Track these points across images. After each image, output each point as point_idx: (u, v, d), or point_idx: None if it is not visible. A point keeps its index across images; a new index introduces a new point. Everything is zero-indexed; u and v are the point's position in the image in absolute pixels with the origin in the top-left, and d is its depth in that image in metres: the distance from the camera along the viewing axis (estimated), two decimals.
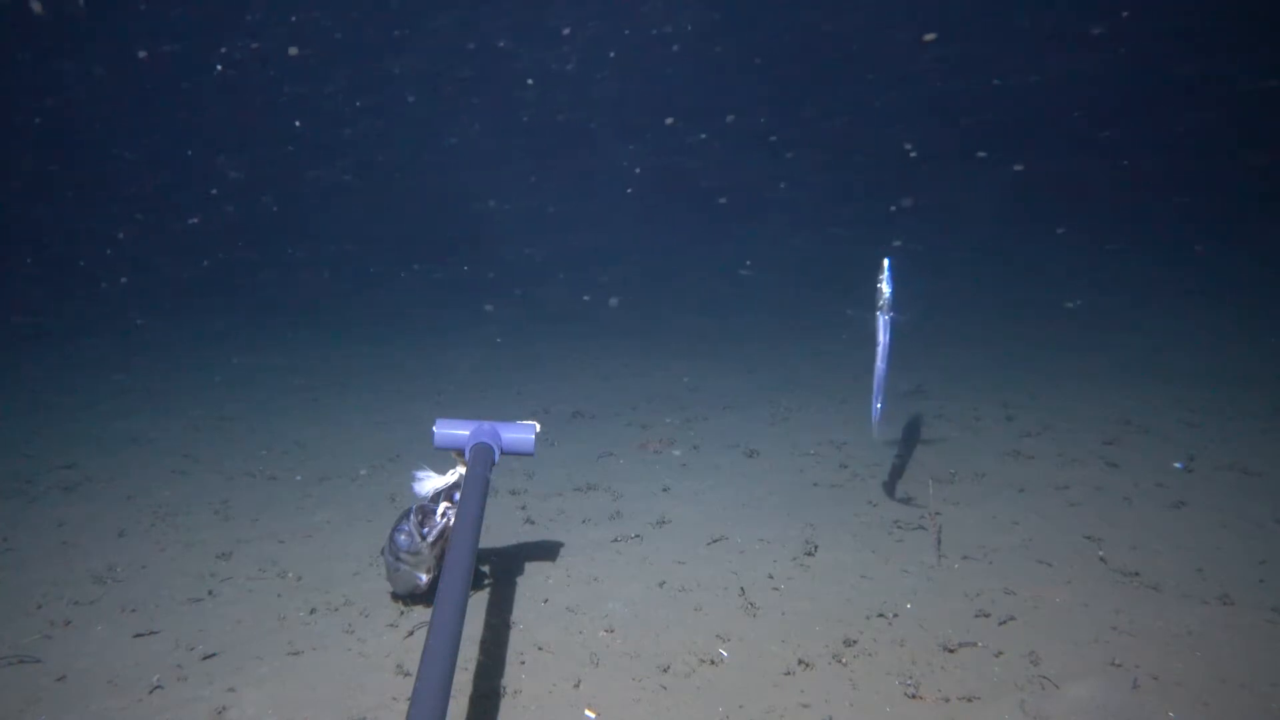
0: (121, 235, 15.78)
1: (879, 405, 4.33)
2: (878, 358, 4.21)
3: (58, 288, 13.86)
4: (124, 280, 14.15)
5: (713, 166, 19.58)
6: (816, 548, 3.96)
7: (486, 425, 3.60)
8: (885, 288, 4.10)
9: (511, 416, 3.82)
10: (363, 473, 5.41)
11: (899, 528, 4.18)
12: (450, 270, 14.45)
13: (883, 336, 4.16)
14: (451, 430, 3.61)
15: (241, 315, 11.87)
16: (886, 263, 4.11)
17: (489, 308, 11.16)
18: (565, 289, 12.79)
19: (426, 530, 3.50)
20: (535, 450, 3.68)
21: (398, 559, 3.49)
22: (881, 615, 3.34)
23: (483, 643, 3.26)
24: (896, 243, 13.09)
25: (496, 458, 3.49)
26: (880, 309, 4.14)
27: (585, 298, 12.02)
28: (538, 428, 3.69)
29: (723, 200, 17.89)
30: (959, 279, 11.63)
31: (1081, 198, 16.23)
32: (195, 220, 17.30)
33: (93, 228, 17.06)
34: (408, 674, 3.04)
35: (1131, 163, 17.09)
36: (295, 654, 3.24)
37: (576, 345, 9.24)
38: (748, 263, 13.49)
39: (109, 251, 15.72)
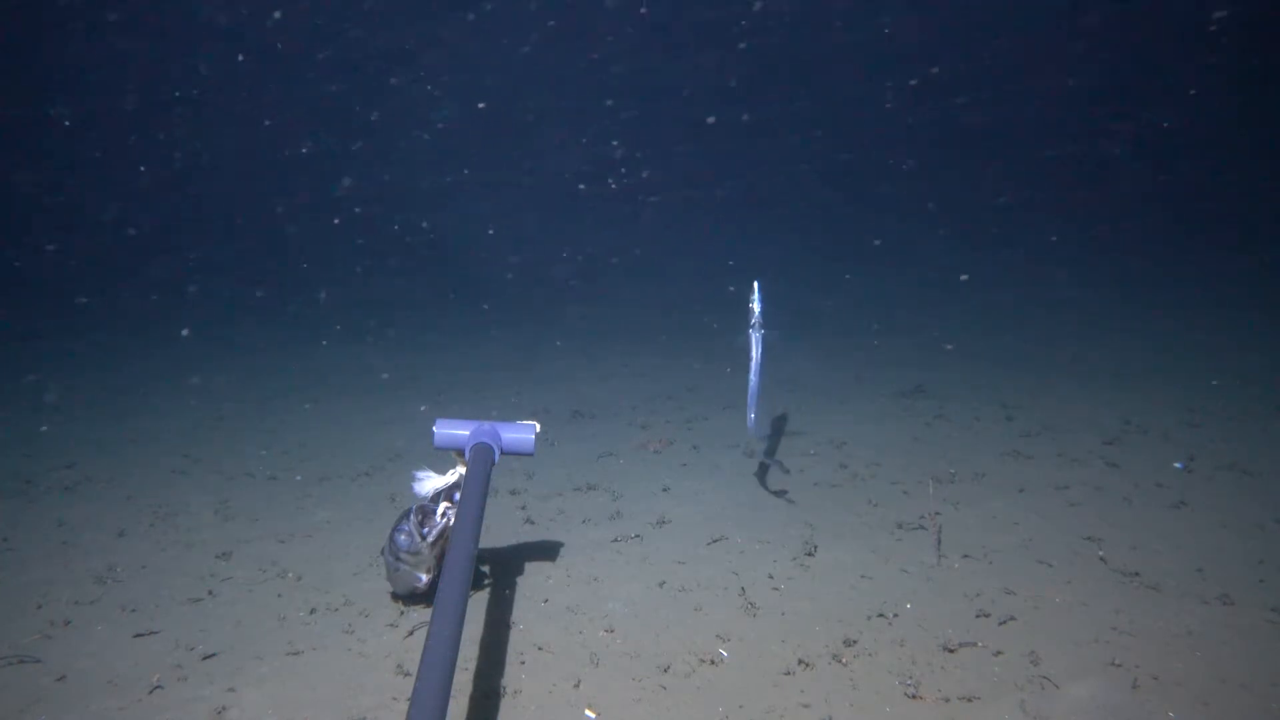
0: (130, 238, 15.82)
1: (753, 415, 4.59)
2: (750, 371, 4.51)
3: (58, 289, 13.86)
4: (122, 283, 14.15)
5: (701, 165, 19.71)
6: (816, 548, 3.96)
7: (486, 425, 3.60)
8: (755, 307, 4.46)
9: (511, 417, 3.82)
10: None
11: (899, 528, 4.18)
12: (430, 276, 14.42)
13: (754, 352, 4.48)
14: (451, 430, 3.61)
15: (240, 317, 11.86)
16: (756, 285, 4.48)
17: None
18: (551, 290, 12.79)
19: (426, 530, 3.50)
20: (535, 450, 3.68)
21: (398, 559, 3.49)
22: (881, 615, 3.34)
23: (483, 643, 3.26)
24: (876, 241, 13.11)
25: (496, 458, 3.49)
26: (752, 327, 4.48)
27: (575, 297, 12.02)
28: (538, 427, 3.68)
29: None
30: (957, 279, 11.64)
31: (1081, 198, 16.26)
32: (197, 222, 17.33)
33: (91, 230, 17.08)
34: (408, 674, 3.04)
35: (1131, 163, 17.13)
36: (295, 654, 3.24)
37: (574, 346, 9.24)
38: (730, 262, 13.51)
39: (109, 252, 15.73)
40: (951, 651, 3.06)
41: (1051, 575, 3.63)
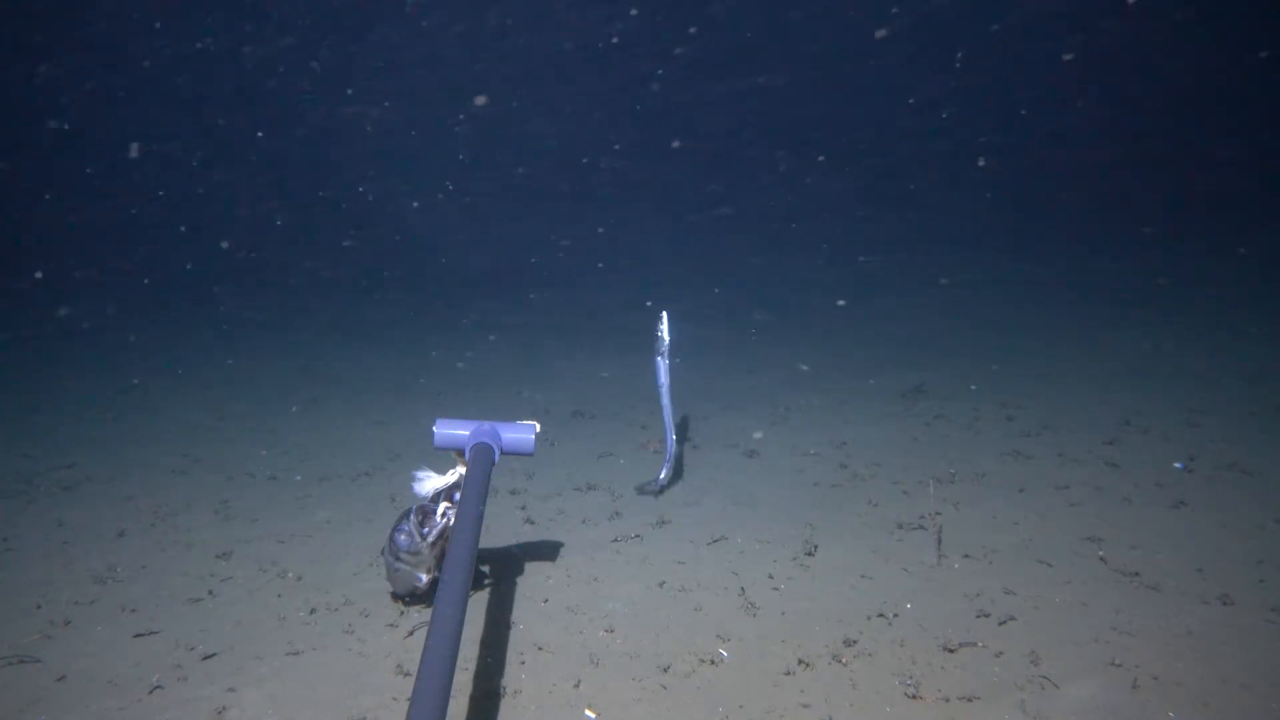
0: (118, 270, 15.77)
1: (672, 438, 4.84)
2: (661, 396, 4.80)
3: (58, 290, 13.86)
4: (123, 284, 14.16)
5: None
6: (816, 548, 3.96)
7: (486, 425, 3.60)
8: (665, 335, 4.71)
9: (511, 416, 3.82)
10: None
11: (899, 528, 4.18)
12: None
13: (663, 378, 4.78)
14: (451, 430, 3.60)
15: (240, 317, 11.87)
16: (664, 314, 4.73)
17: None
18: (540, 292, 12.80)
19: (426, 530, 3.50)
20: (535, 450, 3.68)
21: (398, 559, 3.49)
22: (881, 615, 3.34)
23: (483, 643, 3.26)
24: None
25: (496, 458, 3.49)
26: (660, 354, 4.73)
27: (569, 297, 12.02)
28: (538, 427, 3.68)
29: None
30: (955, 279, 11.65)
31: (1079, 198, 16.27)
32: (195, 228, 17.33)
33: (91, 231, 17.09)
34: (408, 674, 3.04)
35: (1127, 161, 17.14)
36: (295, 654, 3.24)
37: (571, 347, 9.25)
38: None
39: (108, 255, 15.73)
40: (951, 651, 3.06)
41: (1051, 575, 3.63)
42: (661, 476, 4.88)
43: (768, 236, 16.12)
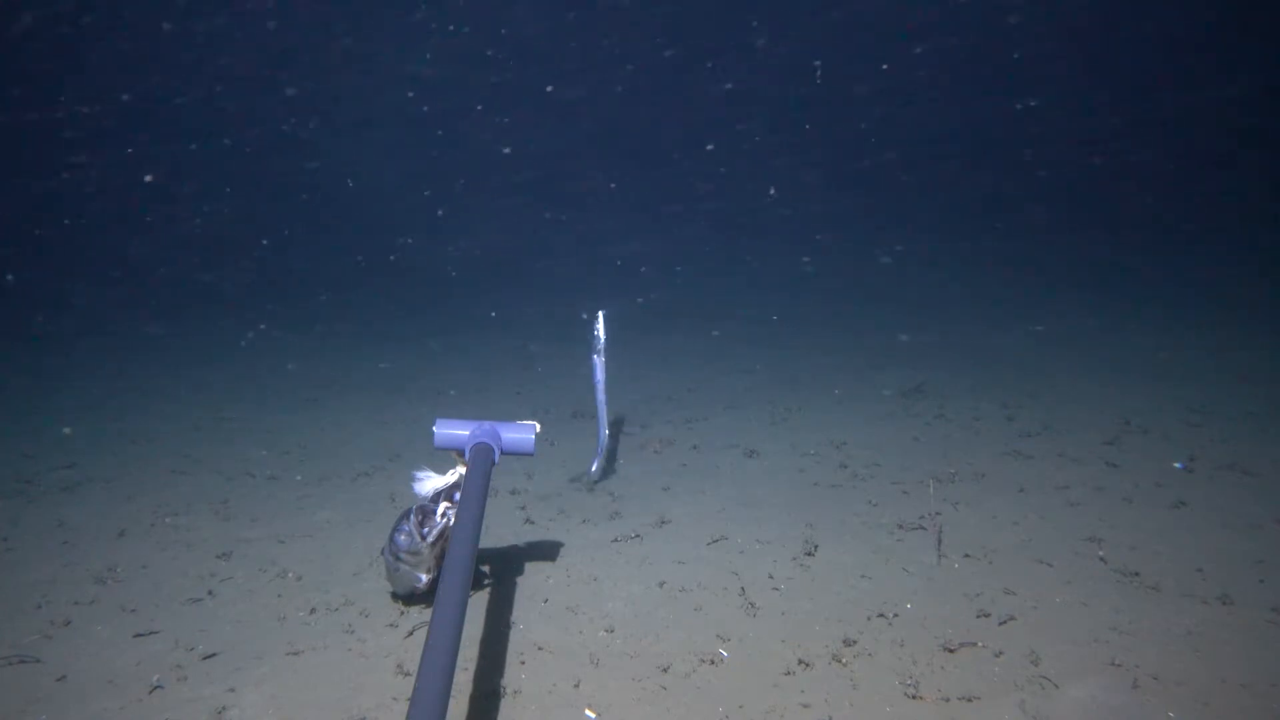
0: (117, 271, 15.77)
1: (605, 433, 5.02)
2: (597, 392, 4.98)
3: (58, 289, 13.85)
4: (123, 283, 14.16)
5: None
6: (816, 548, 3.96)
7: (486, 425, 3.60)
8: (601, 335, 4.89)
9: (512, 416, 3.82)
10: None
11: (899, 528, 4.18)
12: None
13: (599, 375, 4.95)
14: (451, 430, 3.61)
15: (239, 317, 11.87)
16: (601, 314, 4.90)
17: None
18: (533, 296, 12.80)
19: (426, 530, 3.50)
20: (535, 450, 3.68)
21: (398, 559, 3.49)
22: (881, 615, 3.34)
23: (483, 643, 3.26)
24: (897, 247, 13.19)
25: (496, 458, 3.49)
26: (596, 353, 4.90)
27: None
28: (538, 427, 3.69)
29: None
30: (955, 278, 11.65)
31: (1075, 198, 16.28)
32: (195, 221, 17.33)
33: (92, 231, 17.09)
34: (408, 674, 3.04)
35: (1125, 161, 17.14)
36: (295, 654, 3.24)
37: (569, 346, 9.25)
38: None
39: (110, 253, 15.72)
40: (951, 651, 3.07)
41: (1051, 575, 3.63)
42: (594, 469, 5.06)
43: (750, 232, 16.16)
